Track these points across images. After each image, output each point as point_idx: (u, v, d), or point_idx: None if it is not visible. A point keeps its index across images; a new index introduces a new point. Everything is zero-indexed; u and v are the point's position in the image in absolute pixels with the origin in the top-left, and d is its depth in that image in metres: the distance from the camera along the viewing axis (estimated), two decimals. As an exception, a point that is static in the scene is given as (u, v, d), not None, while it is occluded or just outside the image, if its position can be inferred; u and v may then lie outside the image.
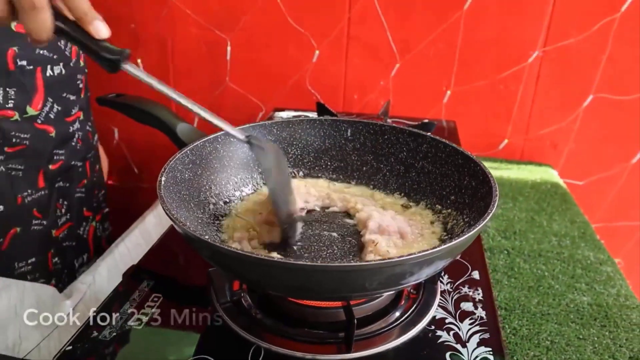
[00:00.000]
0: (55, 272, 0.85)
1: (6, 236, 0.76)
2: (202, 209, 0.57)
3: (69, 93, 0.82)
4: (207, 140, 0.61)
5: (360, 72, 1.21)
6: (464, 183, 0.57)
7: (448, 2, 1.09)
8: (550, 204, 0.97)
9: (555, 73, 1.11)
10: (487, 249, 0.81)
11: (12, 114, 0.73)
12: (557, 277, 0.75)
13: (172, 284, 0.58)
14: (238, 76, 1.28)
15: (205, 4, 1.21)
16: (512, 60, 1.11)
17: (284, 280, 0.42)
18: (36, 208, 0.80)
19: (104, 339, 0.48)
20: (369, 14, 1.14)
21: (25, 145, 0.76)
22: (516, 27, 1.08)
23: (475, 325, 0.51)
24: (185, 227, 0.42)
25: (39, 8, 0.41)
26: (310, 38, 1.20)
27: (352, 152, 0.68)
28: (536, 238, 0.85)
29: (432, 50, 1.14)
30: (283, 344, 0.47)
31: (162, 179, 0.50)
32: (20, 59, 0.72)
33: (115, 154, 1.43)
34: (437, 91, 1.18)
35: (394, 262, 0.40)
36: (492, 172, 1.03)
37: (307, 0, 1.16)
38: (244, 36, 1.23)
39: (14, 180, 0.76)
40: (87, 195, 0.92)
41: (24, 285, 0.68)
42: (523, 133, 1.18)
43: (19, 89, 0.73)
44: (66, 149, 0.84)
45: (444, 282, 0.58)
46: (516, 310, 0.68)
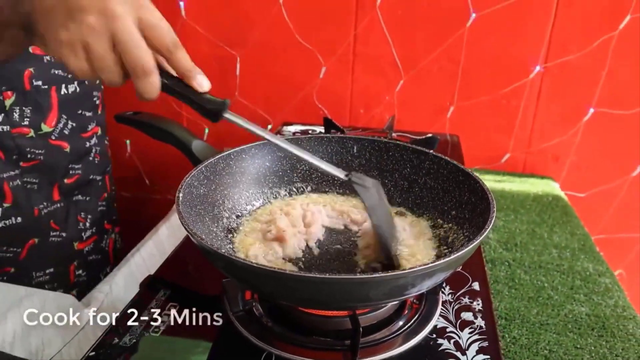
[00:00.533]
0: (77, 284, 0.89)
1: (24, 246, 0.80)
2: (216, 222, 0.60)
3: (84, 110, 0.86)
4: (221, 157, 0.64)
5: (365, 88, 1.25)
6: (464, 199, 0.59)
7: (451, 20, 1.12)
8: (551, 216, 1.00)
9: (556, 88, 1.14)
10: (489, 261, 0.84)
11: (27, 131, 0.77)
12: (557, 288, 0.78)
13: (187, 294, 0.61)
14: (247, 91, 1.32)
15: (216, 22, 1.25)
16: (513, 75, 1.15)
17: (295, 291, 0.45)
18: (53, 220, 0.84)
19: (124, 345, 0.51)
20: (375, 31, 1.18)
21: (40, 160, 0.80)
22: (517, 43, 1.12)
23: (475, 334, 0.54)
24: (203, 242, 0.45)
25: (149, 71, 0.45)
26: (318, 54, 1.23)
27: (358, 168, 0.71)
28: (537, 250, 0.88)
29: (436, 67, 1.18)
30: (293, 351, 0.50)
31: (180, 195, 0.53)
32: (35, 79, 0.76)
33: (127, 166, 1.47)
34: (440, 106, 1.21)
35: (397, 274, 0.43)
36: (494, 185, 1.07)
37: (315, 18, 1.20)
38: (253, 52, 1.27)
39: (29, 193, 0.80)
40: (107, 209, 0.96)
41: (46, 294, 0.71)
42: (525, 146, 1.21)
43: (35, 107, 0.77)
44: (83, 163, 0.88)
45: (445, 292, 0.60)
46: (516, 320, 0.70)
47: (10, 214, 0.79)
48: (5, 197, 0.77)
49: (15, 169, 0.78)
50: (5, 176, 0.77)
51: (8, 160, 0.77)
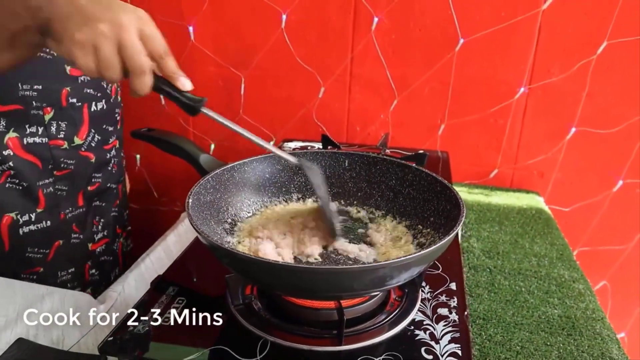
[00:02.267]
0: (92, 282, 0.96)
1: (52, 248, 0.88)
2: (220, 225, 0.68)
3: (108, 125, 0.95)
4: (225, 169, 0.72)
5: (361, 107, 1.33)
6: (440, 207, 0.67)
7: (441, 44, 1.20)
8: (533, 228, 1.07)
9: (540, 108, 1.22)
10: (472, 267, 0.91)
11: (62, 143, 0.86)
12: (533, 292, 0.84)
13: (192, 291, 0.68)
14: (251, 109, 1.41)
15: (223, 45, 1.34)
16: (500, 96, 1.22)
17: (285, 280, 0.52)
18: (75, 223, 0.92)
19: (138, 332, 0.58)
20: (370, 55, 1.26)
21: (70, 170, 0.88)
22: (503, 66, 1.20)
23: (449, 327, 0.60)
24: (210, 239, 0.53)
25: (144, 72, 0.54)
26: (317, 75, 1.32)
27: (349, 180, 0.79)
28: (517, 258, 0.95)
29: (427, 87, 1.26)
30: (286, 338, 0.57)
31: (190, 200, 0.61)
32: (71, 97, 0.84)
33: (137, 179, 1.55)
34: (432, 124, 1.29)
35: (375, 265, 0.51)
36: (482, 198, 1.14)
37: (314, 42, 1.28)
38: (257, 74, 1.36)
39: (59, 199, 0.88)
40: (119, 215, 1.04)
41: (65, 292, 0.78)
42: (512, 163, 1.28)
43: (69, 122, 0.86)
44: (103, 172, 0.96)
45: (425, 291, 0.67)
46: (492, 320, 0.77)
47: (42, 218, 0.87)
48: (39, 202, 0.86)
49: (50, 177, 0.86)
50: (41, 184, 0.85)
51: (44, 169, 0.85)
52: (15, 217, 0.84)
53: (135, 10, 0.55)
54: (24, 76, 0.79)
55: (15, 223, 0.84)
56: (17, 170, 0.82)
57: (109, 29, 0.52)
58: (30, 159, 0.83)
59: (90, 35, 0.51)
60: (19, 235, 0.85)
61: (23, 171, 0.83)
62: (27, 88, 0.79)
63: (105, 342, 0.57)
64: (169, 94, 0.58)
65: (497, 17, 1.15)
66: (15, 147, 0.81)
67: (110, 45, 0.52)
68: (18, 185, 0.83)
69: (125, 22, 0.52)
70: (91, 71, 0.53)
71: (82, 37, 0.51)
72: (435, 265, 0.73)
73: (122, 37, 0.52)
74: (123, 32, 0.52)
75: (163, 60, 0.56)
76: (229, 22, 1.31)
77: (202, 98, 0.60)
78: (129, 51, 0.53)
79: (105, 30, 0.51)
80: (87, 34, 0.51)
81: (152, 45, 0.55)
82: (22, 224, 0.85)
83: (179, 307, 0.63)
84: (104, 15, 0.52)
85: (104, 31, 0.51)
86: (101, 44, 0.52)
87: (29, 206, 0.85)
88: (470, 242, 1.00)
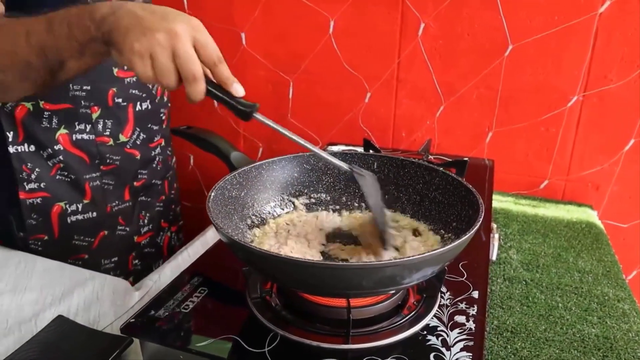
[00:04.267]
0: (134, 272, 1.03)
1: (96, 237, 0.95)
2: (243, 221, 0.70)
3: (153, 124, 1.00)
4: (254, 166, 0.74)
5: (408, 112, 1.32)
6: (463, 212, 0.65)
7: (489, 50, 1.17)
8: (581, 242, 1.01)
9: (596, 116, 1.16)
10: (507, 279, 0.88)
11: (108, 140, 0.92)
12: (570, 308, 0.80)
13: (215, 282, 0.71)
14: (298, 113, 1.44)
15: (272, 50, 1.38)
16: (551, 103, 1.17)
17: (293, 275, 0.53)
18: (121, 216, 0.99)
19: (159, 317, 0.61)
20: (417, 60, 1.25)
21: (116, 165, 0.95)
22: (555, 73, 1.15)
23: (463, 334, 0.59)
24: (223, 230, 0.55)
25: (198, 79, 0.57)
26: (363, 81, 1.32)
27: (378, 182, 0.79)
28: (558, 272, 0.90)
29: (475, 93, 1.23)
30: (295, 333, 0.58)
31: (212, 194, 0.63)
32: (117, 97, 0.90)
33: (190, 179, 1.62)
34: (479, 131, 1.26)
35: (385, 263, 0.50)
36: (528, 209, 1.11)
37: (361, 47, 1.29)
38: (305, 78, 1.38)
39: (106, 192, 0.95)
40: (164, 209, 1.10)
41: (105, 277, 0.84)
42: (564, 174, 1.22)
43: (115, 120, 0.92)
44: (148, 169, 1.02)
45: (444, 297, 0.66)
46: (521, 334, 0.74)
47: (88, 209, 0.94)
48: (86, 194, 0.93)
49: (96, 172, 0.93)
50: (88, 177, 0.92)
51: (91, 164, 0.92)
52: (64, 207, 0.91)
53: (190, 19, 0.58)
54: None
55: (64, 212, 0.91)
56: (66, 164, 0.89)
57: (164, 39, 0.55)
58: (78, 154, 0.90)
59: (147, 45, 0.55)
60: (66, 223, 0.92)
61: (72, 165, 0.90)
62: (77, 88, 0.86)
63: (127, 323, 0.60)
64: (222, 100, 0.60)
65: (549, 21, 1.11)
66: (65, 142, 0.88)
67: (165, 53, 0.55)
68: (67, 178, 0.90)
69: (179, 31, 0.55)
70: (149, 79, 0.57)
71: (140, 47, 0.55)
72: (460, 271, 0.71)
73: (177, 46, 0.55)
74: (177, 41, 0.55)
75: (216, 67, 0.59)
76: (278, 28, 1.35)
77: (254, 104, 0.61)
78: (182, 59, 0.56)
79: (161, 39, 0.55)
80: (144, 44, 0.55)
81: (206, 52, 0.57)
82: (70, 213, 0.92)
83: (200, 296, 0.65)
84: (160, 26, 0.55)
85: (160, 41, 0.55)
86: (157, 53, 0.55)
87: (76, 197, 0.92)
88: (509, 253, 0.96)
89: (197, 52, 0.57)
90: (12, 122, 0.84)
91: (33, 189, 0.88)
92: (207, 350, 0.56)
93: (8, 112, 0.83)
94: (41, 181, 0.88)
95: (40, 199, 0.89)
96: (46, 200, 0.89)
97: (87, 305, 0.77)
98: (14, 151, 0.85)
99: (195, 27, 0.57)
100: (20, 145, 0.86)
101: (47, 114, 0.85)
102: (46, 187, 0.89)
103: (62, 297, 0.78)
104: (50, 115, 0.85)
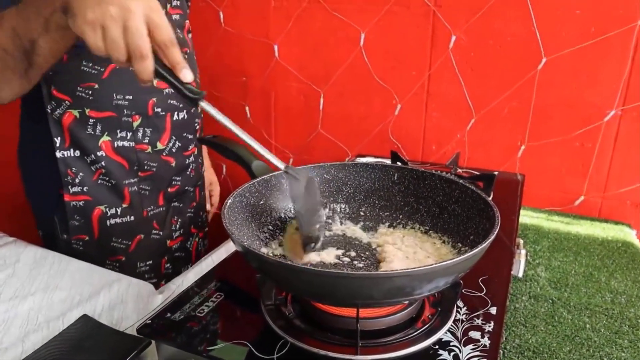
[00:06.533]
0: (166, 275, 1.06)
1: (133, 240, 0.99)
2: (260, 228, 0.71)
3: (188, 133, 1.04)
4: (273, 175, 0.75)
5: (438, 125, 1.30)
6: (481, 225, 0.64)
7: (522, 63, 1.15)
8: (615, 261, 0.97)
9: (636, 131, 1.11)
10: (532, 296, 0.85)
11: (146, 148, 0.96)
12: (599, 330, 0.77)
13: (231, 287, 0.72)
14: (329, 124, 1.45)
15: (304, 62, 1.40)
16: (587, 118, 1.13)
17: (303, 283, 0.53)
18: (156, 221, 1.02)
19: (174, 319, 0.63)
20: (447, 72, 1.24)
21: (153, 172, 0.98)
22: (591, 86, 1.11)
23: (476, 351, 0.57)
24: (235, 236, 0.56)
25: (145, 57, 0.59)
26: (394, 93, 1.32)
27: (398, 194, 0.78)
28: (588, 292, 0.86)
29: (507, 107, 1.20)
30: (305, 341, 0.58)
31: (229, 201, 0.65)
32: (156, 106, 0.94)
33: (222, 187, 1.65)
34: (511, 145, 1.23)
35: (394, 273, 0.50)
36: (561, 226, 1.07)
37: (391, 60, 1.29)
38: (336, 90, 1.39)
39: (142, 197, 0.98)
40: (194, 215, 1.13)
41: (130, 280, 0.87)
42: (600, 191, 1.17)
43: (154, 129, 0.96)
44: (182, 176, 1.06)
45: (460, 312, 0.64)
46: (544, 354, 0.71)
47: (126, 213, 0.97)
48: (125, 199, 0.97)
49: (134, 177, 0.97)
50: (127, 182, 0.96)
51: (130, 169, 0.96)
52: (104, 210, 0.95)
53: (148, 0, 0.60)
54: (118, 87, 0.90)
55: (103, 215, 0.95)
56: (107, 169, 0.93)
57: (117, 12, 0.57)
58: (119, 160, 0.94)
59: (100, 15, 0.57)
60: (106, 226, 0.96)
61: (112, 170, 0.94)
62: (120, 98, 0.90)
63: (144, 324, 0.62)
64: (170, 83, 0.62)
65: (585, 33, 1.08)
66: (107, 149, 0.92)
67: (116, 26, 0.57)
68: (108, 182, 0.94)
69: (133, 7, 0.57)
70: (100, 50, 0.59)
71: (93, 17, 0.57)
72: (479, 286, 0.69)
73: (128, 21, 0.57)
74: (130, 16, 0.57)
75: (168, 49, 0.60)
76: (310, 40, 1.37)
77: (201, 91, 0.63)
78: (131, 34, 0.57)
79: (113, 12, 0.57)
80: (97, 13, 0.57)
81: (158, 32, 0.59)
82: (109, 216, 0.96)
83: (216, 301, 0.67)
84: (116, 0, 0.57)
85: (112, 13, 0.57)
86: (109, 25, 0.57)
87: (116, 201, 0.96)
88: (537, 270, 0.93)
89: (150, 32, 0.59)
90: (60, 129, 0.89)
91: (76, 192, 0.92)
92: (219, 355, 0.57)
93: (56, 119, 0.88)
94: (84, 185, 0.93)
95: (82, 202, 0.93)
96: (88, 203, 0.94)
97: (111, 306, 0.80)
98: (60, 156, 0.90)
99: (152, 7, 0.59)
100: (66, 150, 0.90)
101: (92, 122, 0.90)
102: (88, 190, 0.93)
103: (89, 298, 0.81)
104: (94, 123, 0.90)
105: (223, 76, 1.52)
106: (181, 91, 0.62)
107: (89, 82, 0.87)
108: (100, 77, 0.87)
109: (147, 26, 0.58)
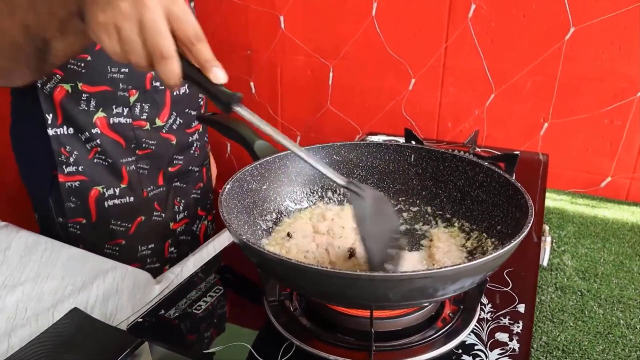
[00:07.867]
0: (170, 260, 1.00)
1: (134, 222, 0.94)
2: (263, 216, 0.64)
3: (190, 109, 0.97)
4: (277, 157, 0.68)
5: (454, 101, 1.22)
6: (509, 215, 0.57)
7: (547, 33, 1.06)
8: (647, 249, 0.90)
9: (671, 108, 1.03)
10: (559, 288, 0.78)
11: (144, 124, 0.90)
12: (634, 327, 0.70)
13: (231, 280, 0.66)
14: (338, 100, 1.37)
15: (312, 34, 1.32)
16: (618, 93, 1.05)
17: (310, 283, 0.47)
18: (157, 202, 0.97)
19: (168, 317, 0.57)
20: (466, 44, 1.15)
21: (152, 150, 0.92)
22: (623, 59, 1.02)
23: (504, 356, 0.51)
24: (232, 228, 0.49)
25: (168, 57, 0.49)
26: (407, 66, 1.24)
27: (414, 177, 0.71)
28: (620, 283, 0.80)
29: (530, 81, 1.12)
30: (313, 344, 0.52)
31: (227, 186, 0.58)
32: (155, 80, 0.88)
33: (226, 167, 1.60)
34: (533, 123, 1.15)
35: (415, 274, 0.43)
36: (586, 210, 1.00)
37: (406, 31, 1.21)
38: (346, 63, 1.31)
39: (141, 177, 0.93)
40: (202, 197, 1.07)
41: (127, 268, 0.81)
42: (630, 172, 1.09)
43: (152, 104, 0.89)
44: (185, 155, 0.99)
45: (485, 310, 0.58)
46: (574, 354, 0.65)
47: (125, 194, 0.92)
48: (123, 178, 0.91)
49: (132, 156, 0.91)
50: (124, 161, 0.90)
51: (128, 147, 0.90)
52: (102, 191, 0.89)
53: None
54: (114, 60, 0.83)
55: (101, 196, 0.90)
56: (103, 147, 0.87)
57: (130, 8, 0.48)
58: (115, 138, 0.88)
59: (111, 14, 0.48)
60: (104, 208, 0.91)
61: (108, 148, 0.88)
62: (116, 71, 0.83)
63: (135, 323, 0.56)
64: (200, 86, 0.52)
65: (618, 0, 0.98)
66: (103, 126, 0.86)
67: (130, 25, 0.48)
68: (104, 162, 0.88)
69: (147, 1, 0.48)
70: (118, 55, 0.50)
71: (105, 18, 0.48)
72: (505, 281, 0.63)
73: (143, 16, 0.48)
74: (144, 11, 0.48)
75: (194, 46, 0.50)
76: (318, 10, 1.28)
77: (236, 93, 0.51)
78: (148, 31, 0.48)
79: (125, 8, 0.48)
80: (109, 13, 0.48)
81: (181, 26, 0.49)
82: (107, 197, 0.90)
83: (214, 296, 0.61)
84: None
85: (125, 10, 0.48)
86: (122, 24, 0.48)
87: (113, 181, 0.90)
88: (562, 258, 0.86)
89: (172, 27, 0.49)
90: (51, 104, 0.83)
91: (71, 172, 0.87)
92: (215, 358, 0.51)
93: (47, 94, 0.82)
94: (79, 164, 0.87)
95: (78, 182, 0.88)
96: (84, 183, 0.88)
97: (105, 297, 0.75)
98: (53, 134, 0.84)
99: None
100: (59, 127, 0.84)
101: (85, 96, 0.83)
102: (84, 170, 0.88)
103: (82, 288, 0.76)
104: (88, 98, 0.84)
105: (226, 49, 1.44)
106: (212, 94, 0.51)
107: (81, 54, 0.80)
108: (94, 49, 0.80)
109: (167, 21, 0.49)
